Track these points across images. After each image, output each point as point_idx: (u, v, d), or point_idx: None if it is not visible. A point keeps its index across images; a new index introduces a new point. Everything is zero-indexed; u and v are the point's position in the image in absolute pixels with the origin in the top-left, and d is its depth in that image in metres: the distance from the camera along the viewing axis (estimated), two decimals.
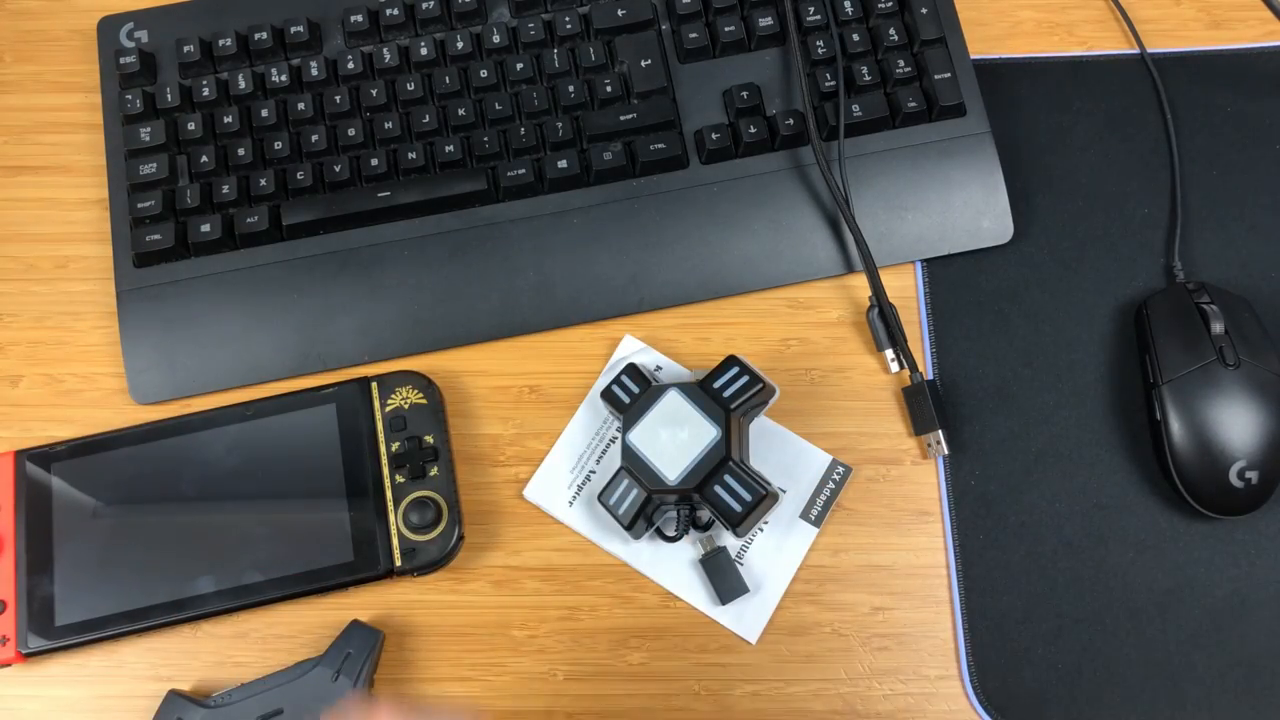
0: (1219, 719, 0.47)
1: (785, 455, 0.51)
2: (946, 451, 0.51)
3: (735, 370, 0.49)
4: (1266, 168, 0.56)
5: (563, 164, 0.54)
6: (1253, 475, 0.48)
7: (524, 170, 0.54)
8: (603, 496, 0.48)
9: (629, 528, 0.48)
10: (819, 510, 0.50)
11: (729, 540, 0.50)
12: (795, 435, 0.52)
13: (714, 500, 0.46)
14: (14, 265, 0.56)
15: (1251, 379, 0.49)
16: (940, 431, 0.50)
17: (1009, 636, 0.49)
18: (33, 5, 0.61)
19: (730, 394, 0.48)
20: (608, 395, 0.50)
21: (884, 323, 0.52)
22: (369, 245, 0.54)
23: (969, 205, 0.54)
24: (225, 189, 0.54)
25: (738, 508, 0.46)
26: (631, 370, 0.50)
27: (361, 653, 0.47)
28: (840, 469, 0.51)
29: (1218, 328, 0.49)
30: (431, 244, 0.54)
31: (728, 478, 0.46)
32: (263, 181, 0.54)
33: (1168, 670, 0.48)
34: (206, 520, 0.50)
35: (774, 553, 0.50)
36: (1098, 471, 0.51)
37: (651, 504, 0.48)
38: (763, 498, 0.46)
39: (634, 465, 0.48)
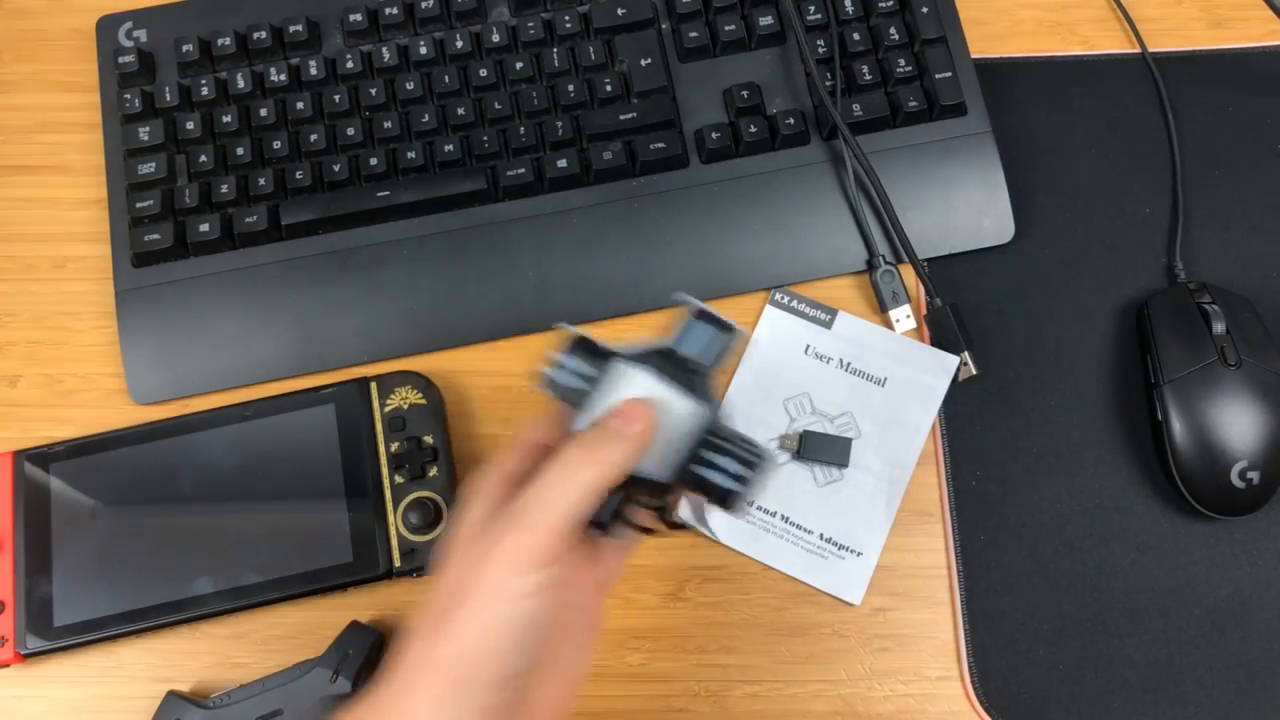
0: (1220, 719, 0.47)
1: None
2: (975, 371, 0.51)
3: (703, 324, 0.39)
4: (1268, 167, 0.55)
5: (562, 163, 0.54)
6: (1254, 475, 0.48)
7: (524, 170, 0.54)
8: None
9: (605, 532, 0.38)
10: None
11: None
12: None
13: (703, 484, 0.37)
14: (12, 265, 0.56)
15: (1253, 379, 0.49)
16: (967, 352, 0.51)
17: (1010, 637, 0.49)
18: (31, 5, 0.60)
19: (703, 354, 0.38)
20: (550, 385, 0.38)
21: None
22: (368, 245, 0.54)
23: (970, 205, 0.54)
24: (224, 188, 0.54)
25: (734, 486, 0.36)
26: (580, 347, 0.38)
27: (361, 653, 0.47)
28: None
29: (1219, 327, 0.49)
30: (431, 244, 0.54)
31: (710, 454, 0.37)
32: (261, 181, 0.54)
33: (1169, 671, 0.48)
34: (205, 521, 0.49)
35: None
36: (1099, 472, 0.51)
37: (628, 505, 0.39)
38: (758, 463, 0.37)
39: None
